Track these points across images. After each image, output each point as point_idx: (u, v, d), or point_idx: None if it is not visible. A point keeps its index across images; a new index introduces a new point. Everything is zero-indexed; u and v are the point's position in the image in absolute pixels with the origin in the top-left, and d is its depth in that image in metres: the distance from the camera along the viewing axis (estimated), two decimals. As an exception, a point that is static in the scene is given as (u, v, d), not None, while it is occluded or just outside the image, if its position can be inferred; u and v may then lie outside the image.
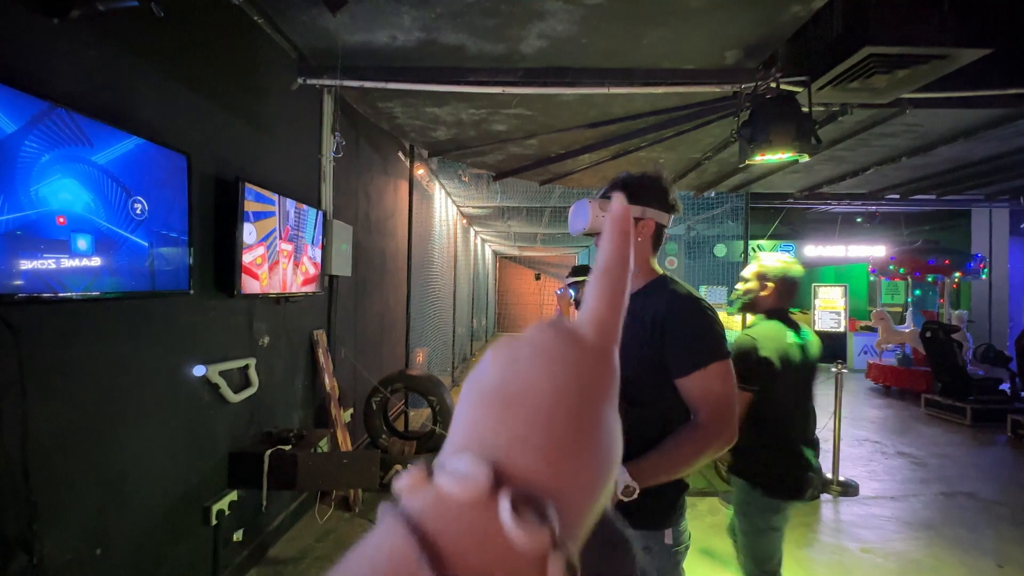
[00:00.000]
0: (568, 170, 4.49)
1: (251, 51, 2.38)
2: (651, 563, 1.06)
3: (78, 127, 1.39)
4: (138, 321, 1.74)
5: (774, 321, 1.81)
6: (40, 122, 1.29)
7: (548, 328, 0.23)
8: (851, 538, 3.01)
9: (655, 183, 1.17)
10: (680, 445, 1.01)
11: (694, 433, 1.02)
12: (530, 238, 10.61)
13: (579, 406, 0.21)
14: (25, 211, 1.26)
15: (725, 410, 1.03)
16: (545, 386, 0.21)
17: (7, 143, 1.21)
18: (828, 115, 2.99)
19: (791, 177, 4.93)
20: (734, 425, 1.03)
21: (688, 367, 1.04)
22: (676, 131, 3.37)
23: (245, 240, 2.20)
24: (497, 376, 0.22)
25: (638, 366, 1.08)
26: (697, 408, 1.04)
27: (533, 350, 0.22)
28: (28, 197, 1.27)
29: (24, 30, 1.32)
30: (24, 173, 1.25)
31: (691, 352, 1.04)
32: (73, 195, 1.39)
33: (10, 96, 1.21)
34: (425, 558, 0.17)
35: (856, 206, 6.72)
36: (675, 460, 1.00)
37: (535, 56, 2.53)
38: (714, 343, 1.05)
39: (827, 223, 9.81)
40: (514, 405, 0.20)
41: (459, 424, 0.21)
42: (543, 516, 0.18)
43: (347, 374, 3.67)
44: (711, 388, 1.03)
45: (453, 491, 0.18)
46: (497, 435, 0.20)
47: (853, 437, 5.02)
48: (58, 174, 1.34)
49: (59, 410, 1.45)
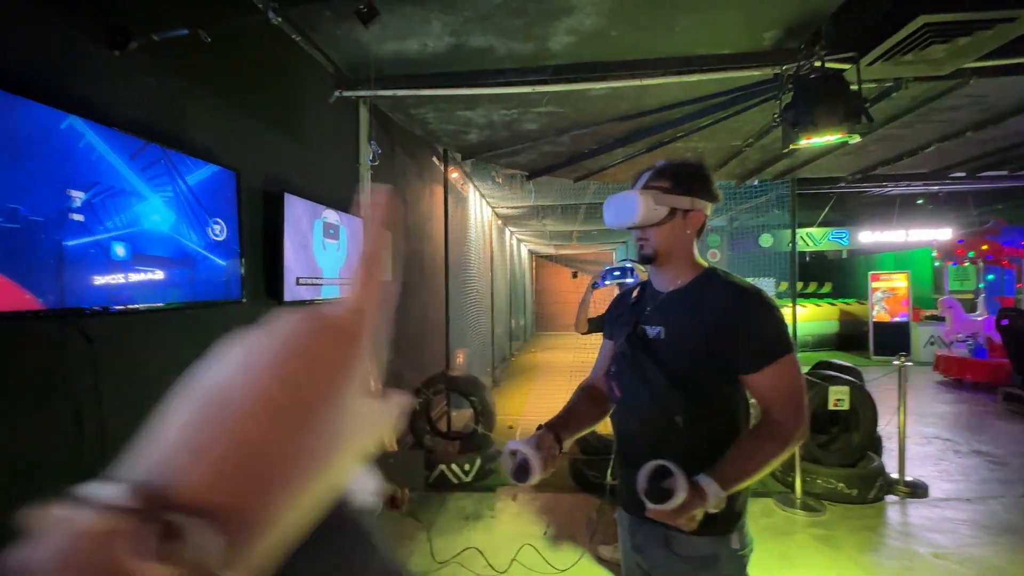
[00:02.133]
0: (602, 165, 4.43)
1: (290, 68, 2.48)
2: (716, 573, 1.02)
3: (166, 156, 1.50)
4: (196, 329, 1.85)
5: None
6: (134, 156, 1.39)
7: (282, 314, 0.21)
8: (921, 542, 2.81)
9: (700, 171, 1.11)
10: (761, 445, 0.97)
11: (773, 430, 0.98)
12: (566, 236, 10.53)
13: (289, 396, 0.18)
14: (96, 235, 1.37)
15: (799, 403, 0.99)
16: (239, 379, 0.18)
17: (110, 176, 1.32)
18: (880, 92, 2.80)
19: (842, 160, 4.65)
20: (807, 418, 1.00)
21: (760, 363, 1.00)
22: (714, 119, 3.26)
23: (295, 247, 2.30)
24: (201, 373, 0.19)
25: (697, 363, 1.04)
26: (771, 404, 1.00)
27: (245, 340, 0.20)
28: (112, 221, 1.38)
29: (93, 63, 1.44)
30: (111, 201, 1.36)
31: (762, 348, 1.00)
32: (144, 215, 1.50)
33: (110, 135, 1.32)
34: None
35: (917, 187, 6.27)
36: (759, 460, 0.96)
37: (564, 53, 2.51)
38: (782, 336, 1.02)
39: (884, 206, 9.20)
40: (200, 407, 0.18)
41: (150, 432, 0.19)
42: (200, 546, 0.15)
43: (390, 376, 3.75)
44: (783, 383, 1.00)
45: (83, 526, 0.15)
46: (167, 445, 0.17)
47: (920, 434, 4.68)
48: (134, 200, 1.45)
49: (131, 413, 1.56)
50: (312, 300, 2.51)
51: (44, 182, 1.22)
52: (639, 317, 1.15)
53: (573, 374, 5.39)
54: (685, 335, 1.06)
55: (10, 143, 1.15)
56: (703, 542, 1.01)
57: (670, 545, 1.04)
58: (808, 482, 3.32)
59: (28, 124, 1.19)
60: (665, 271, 1.14)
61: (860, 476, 3.30)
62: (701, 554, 1.02)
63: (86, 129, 1.32)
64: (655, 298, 1.15)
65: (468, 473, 3.59)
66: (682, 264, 1.12)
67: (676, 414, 1.03)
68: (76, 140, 1.30)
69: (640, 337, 1.12)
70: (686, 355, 1.05)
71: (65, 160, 1.27)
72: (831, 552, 2.70)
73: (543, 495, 3.45)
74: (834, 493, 3.29)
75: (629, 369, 1.11)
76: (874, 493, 3.29)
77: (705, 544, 1.02)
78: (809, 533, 2.91)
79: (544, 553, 2.69)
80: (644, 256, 1.13)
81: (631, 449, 1.14)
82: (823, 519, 3.08)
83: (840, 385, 3.41)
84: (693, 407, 1.02)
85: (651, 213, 1.08)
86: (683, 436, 1.03)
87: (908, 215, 9.35)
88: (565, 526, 3.01)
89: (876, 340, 9.09)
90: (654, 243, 1.10)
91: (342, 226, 2.84)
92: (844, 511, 3.17)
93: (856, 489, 3.27)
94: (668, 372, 1.04)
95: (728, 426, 1.04)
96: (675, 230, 1.09)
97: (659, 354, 1.07)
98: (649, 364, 1.06)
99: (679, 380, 1.03)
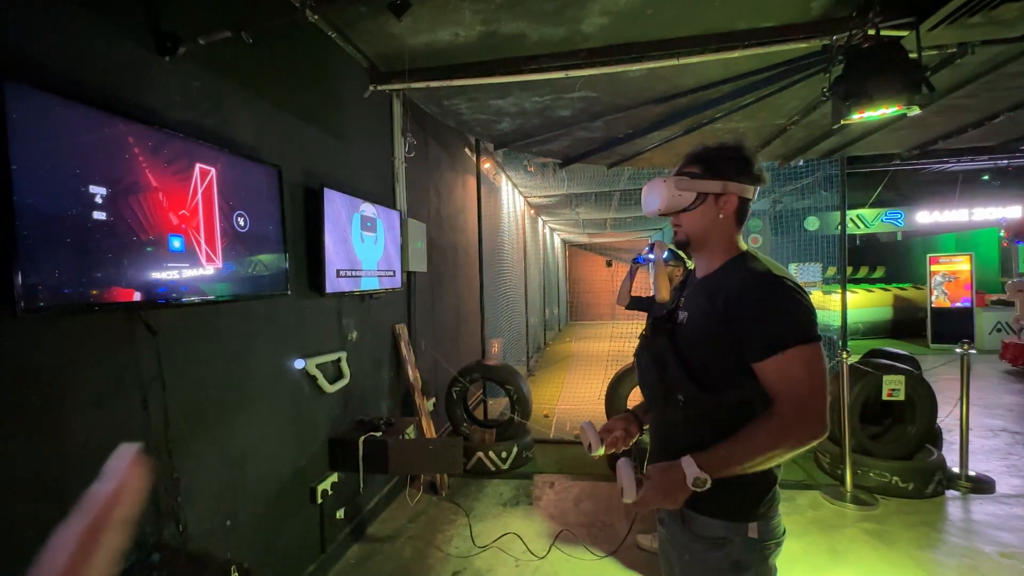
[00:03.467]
0: (636, 150, 4.32)
1: (327, 65, 2.54)
2: (726, 555, 1.02)
3: (212, 154, 1.57)
4: (247, 321, 1.94)
5: None
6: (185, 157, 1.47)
7: None
8: (986, 540, 2.64)
9: (736, 152, 1.08)
10: (753, 435, 0.94)
11: (769, 423, 0.94)
12: (599, 224, 10.38)
13: None
14: (160, 228, 1.45)
15: (807, 399, 0.92)
16: None
17: (168, 174, 1.40)
18: (942, 59, 2.59)
19: (897, 135, 4.35)
20: (819, 417, 0.92)
21: (764, 351, 0.95)
22: (756, 97, 3.11)
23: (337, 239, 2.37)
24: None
25: (711, 350, 1.02)
26: (775, 396, 0.95)
27: None
28: (168, 216, 1.46)
29: (146, 70, 1.51)
30: (168, 197, 1.45)
31: (767, 334, 0.95)
32: (197, 212, 1.58)
33: (163, 137, 1.39)
34: None
35: (983, 162, 5.81)
36: (747, 450, 0.94)
37: (598, 35, 2.45)
38: (795, 324, 0.95)
39: (944, 184, 8.58)
40: None
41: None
42: None
43: (428, 365, 3.84)
44: (790, 374, 0.93)
45: None
46: None
47: (986, 427, 4.39)
48: (190, 195, 1.53)
49: (191, 399, 1.67)
50: (351, 292, 2.59)
51: (110, 183, 1.30)
52: (677, 302, 1.18)
53: (609, 364, 5.34)
54: (700, 320, 1.06)
55: (83, 149, 1.23)
56: (716, 524, 1.03)
57: (686, 523, 1.07)
58: (859, 475, 3.18)
59: (98, 131, 1.26)
60: (701, 257, 1.15)
61: (916, 469, 3.13)
62: (713, 535, 1.03)
63: (143, 132, 1.40)
64: (692, 284, 1.17)
65: (505, 460, 3.64)
66: (716, 250, 1.11)
67: (679, 393, 1.05)
68: (136, 143, 1.37)
69: (665, 320, 1.15)
70: (697, 339, 1.05)
71: (121, 163, 1.35)
72: (884, 548, 2.59)
73: (580, 483, 3.46)
74: (888, 487, 3.14)
75: (647, 349, 1.16)
76: (932, 488, 3.12)
77: (718, 527, 1.03)
78: (860, 527, 2.80)
79: (583, 540, 2.70)
80: (678, 242, 1.15)
81: (653, 424, 1.20)
82: (875, 513, 2.94)
83: (895, 374, 3.24)
84: (694, 390, 1.02)
85: (676, 199, 1.09)
86: (683, 416, 1.05)
87: (971, 192, 8.68)
88: (603, 514, 3.01)
89: (934, 327, 8.55)
90: (685, 229, 1.12)
91: (379, 219, 2.90)
92: (898, 506, 3.02)
93: (912, 483, 3.11)
94: (678, 353, 1.06)
95: (738, 415, 0.99)
96: (706, 215, 1.08)
97: (677, 338, 1.09)
98: (664, 346, 1.09)
99: (685, 363, 1.05)
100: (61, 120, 1.19)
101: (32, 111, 1.13)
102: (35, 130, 1.14)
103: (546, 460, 3.88)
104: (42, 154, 1.15)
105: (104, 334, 1.37)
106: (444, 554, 2.62)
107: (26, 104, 1.12)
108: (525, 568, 2.48)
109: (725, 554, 1.02)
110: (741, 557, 1.01)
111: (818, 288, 7.77)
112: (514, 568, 2.48)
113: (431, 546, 2.70)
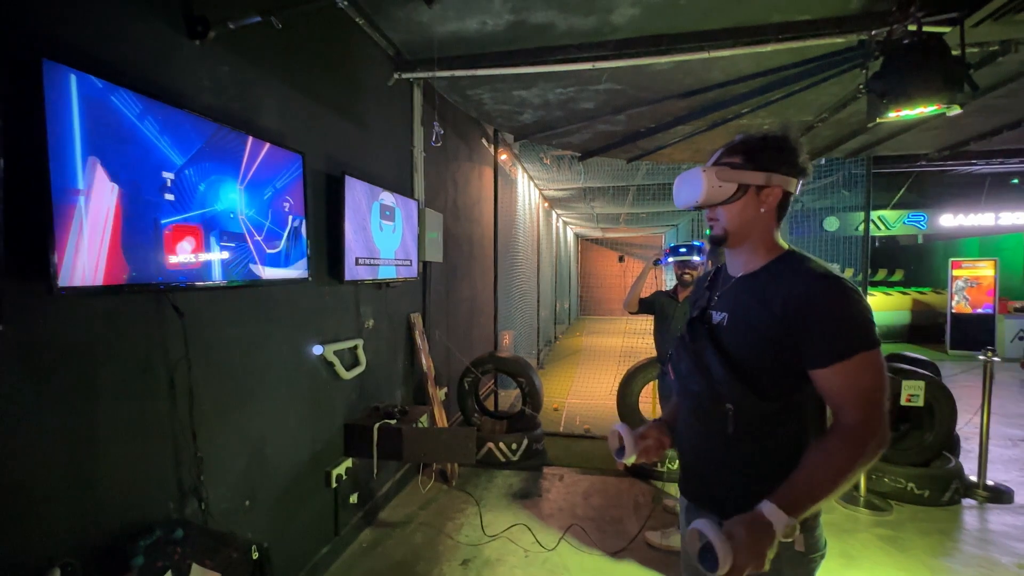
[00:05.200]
0: (657, 145, 4.26)
1: (352, 51, 2.52)
2: (774, 570, 0.94)
3: (239, 139, 1.58)
4: (268, 306, 1.96)
5: None
6: (211, 140, 1.48)
7: None
8: (1004, 551, 2.60)
9: (782, 143, 1.02)
10: (831, 457, 0.86)
11: (844, 438, 0.87)
12: (613, 219, 10.29)
13: None
14: (188, 212, 1.46)
15: (876, 407, 0.88)
16: None
17: (193, 159, 1.41)
18: (984, 56, 2.51)
19: (929, 135, 4.24)
20: (887, 425, 0.88)
21: (830, 357, 0.90)
22: (785, 92, 3.04)
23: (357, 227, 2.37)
24: None
25: (764, 354, 0.97)
26: (841, 405, 0.90)
27: None
28: (196, 200, 1.47)
29: (176, 53, 1.52)
30: (194, 182, 1.45)
31: (834, 340, 0.90)
32: (224, 196, 1.58)
33: (191, 120, 1.40)
34: None
35: (1013, 164, 5.63)
36: (832, 477, 0.85)
37: (627, 26, 2.40)
38: (861, 330, 0.90)
39: (970, 187, 8.33)
40: None
41: None
42: None
43: (441, 355, 3.85)
44: (858, 382, 0.88)
45: None
46: None
47: (1005, 436, 4.31)
48: (214, 182, 1.54)
49: (214, 381, 1.69)
50: (369, 280, 2.60)
51: (141, 163, 1.31)
52: (708, 302, 1.13)
53: (621, 359, 5.32)
54: (749, 322, 0.99)
55: (115, 128, 1.23)
56: None
57: None
58: (874, 480, 3.14)
59: (125, 111, 1.27)
60: (738, 254, 1.08)
61: (933, 477, 3.08)
62: None
63: (172, 114, 1.40)
64: (727, 282, 1.10)
65: (515, 452, 3.66)
66: (757, 246, 1.04)
67: (727, 401, 0.98)
68: (165, 124, 1.38)
69: (703, 322, 1.09)
70: (746, 343, 0.99)
71: (155, 144, 1.36)
72: (898, 554, 2.56)
73: (590, 477, 3.47)
74: (902, 493, 3.10)
75: (686, 354, 1.08)
76: (948, 496, 3.08)
77: None
78: (873, 533, 2.77)
79: (592, 534, 2.71)
80: (715, 237, 1.08)
81: (687, 436, 1.12)
82: (889, 519, 2.91)
83: (915, 380, 3.18)
84: (746, 398, 0.96)
85: (716, 191, 1.01)
86: (733, 427, 0.98)
87: (998, 196, 8.44)
88: (613, 509, 3.02)
89: (954, 333, 8.39)
90: (724, 223, 1.05)
91: (397, 208, 2.90)
92: (913, 512, 2.98)
93: (928, 490, 3.07)
94: (725, 359, 0.99)
95: (791, 425, 0.96)
96: (747, 209, 1.02)
97: (720, 341, 1.02)
98: (707, 350, 1.02)
99: (735, 368, 0.98)
100: (96, 101, 1.20)
101: (64, 91, 1.13)
102: (68, 110, 1.14)
103: (556, 453, 3.89)
104: (79, 135, 1.16)
105: (133, 316, 1.39)
106: (454, 541, 2.64)
107: (59, 84, 1.12)
108: (534, 559, 2.50)
109: (773, 569, 0.95)
110: (788, 570, 0.97)
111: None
112: (523, 558, 2.50)
113: (441, 533, 2.73)
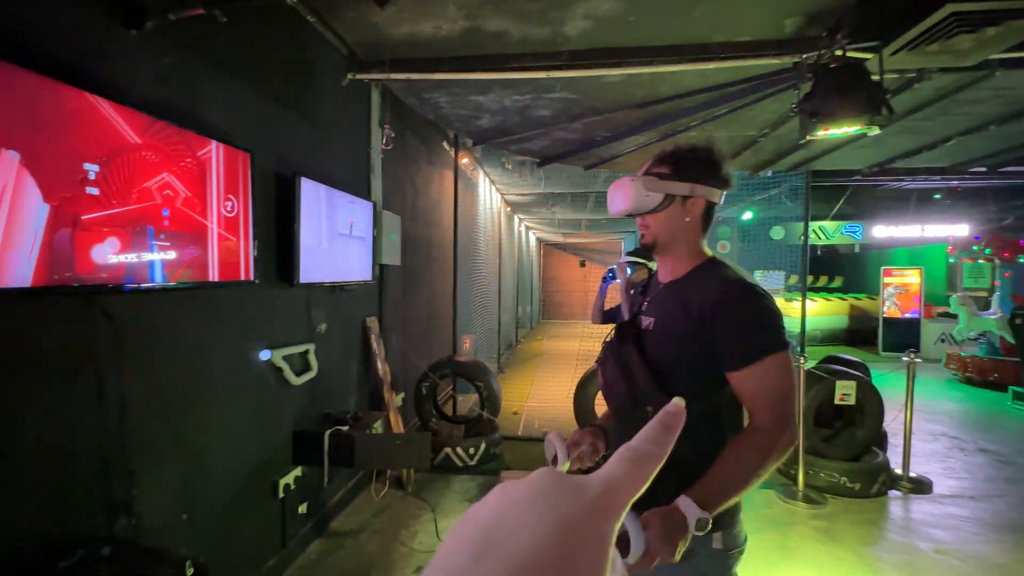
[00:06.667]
0: (613, 153, 4.39)
1: (304, 49, 2.47)
2: (692, 567, 1.00)
3: (179, 135, 1.51)
4: (211, 309, 1.88)
5: None
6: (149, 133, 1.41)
7: (549, 475, 0.23)
8: (923, 538, 2.82)
9: (706, 155, 1.07)
10: (743, 456, 0.91)
11: (755, 439, 0.92)
12: (575, 224, 10.48)
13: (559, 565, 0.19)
14: (126, 206, 1.38)
15: (785, 407, 0.93)
16: (526, 536, 0.20)
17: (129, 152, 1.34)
18: (902, 83, 2.74)
19: (859, 152, 4.57)
20: (794, 421, 0.94)
21: (741, 361, 0.95)
22: (729, 108, 3.21)
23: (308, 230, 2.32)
24: (487, 516, 0.22)
25: (684, 359, 1.01)
26: (753, 407, 0.95)
27: (530, 494, 0.22)
28: (133, 195, 1.39)
29: (111, 43, 1.44)
30: (133, 176, 1.38)
31: (744, 344, 0.95)
32: (156, 191, 1.52)
33: (132, 116, 1.33)
34: None
35: (935, 181, 6.15)
36: (743, 474, 0.90)
37: (580, 38, 2.47)
38: (770, 333, 0.95)
39: (900, 200, 9.03)
40: (492, 552, 0.19)
41: (439, 558, 0.21)
42: None
43: (398, 360, 3.80)
44: (768, 384, 0.93)
45: None
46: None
47: (927, 431, 4.67)
48: (156, 175, 1.47)
49: (151, 389, 1.60)
50: (321, 283, 2.54)
51: (61, 155, 1.24)
52: (640, 307, 1.16)
53: (579, 363, 5.41)
54: (670, 327, 1.04)
55: (34, 120, 1.16)
56: None
57: None
58: (811, 475, 3.33)
59: (48, 101, 1.20)
60: (665, 261, 1.12)
61: (863, 470, 3.30)
62: None
63: (102, 106, 1.33)
64: (655, 289, 1.15)
65: (473, 457, 3.65)
66: (683, 254, 1.09)
67: (648, 404, 1.00)
68: (92, 117, 1.31)
69: (630, 327, 1.12)
70: (667, 347, 1.03)
71: (81, 135, 1.29)
72: (832, 544, 2.72)
73: (547, 480, 3.50)
74: (837, 487, 3.30)
75: (612, 358, 1.11)
76: (877, 488, 3.30)
77: None
78: (810, 525, 2.93)
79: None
80: (644, 245, 1.12)
81: (615, 439, 1.14)
82: (824, 511, 3.10)
83: (847, 380, 3.40)
84: (667, 399, 0.99)
85: (643, 200, 1.05)
86: None
87: (924, 210, 9.18)
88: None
89: (885, 336, 9.02)
90: (653, 231, 1.09)
91: (353, 210, 2.85)
92: (846, 505, 3.18)
93: (859, 483, 3.28)
94: (647, 363, 1.03)
95: (711, 425, 1.00)
96: (673, 218, 1.06)
97: (644, 345, 1.06)
98: (631, 354, 1.06)
99: (656, 372, 1.01)
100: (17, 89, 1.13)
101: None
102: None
103: (514, 457, 3.90)
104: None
105: (60, 319, 1.31)
106: (408, 549, 2.61)
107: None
108: (489, 563, 2.50)
109: (691, 566, 0.99)
110: (707, 568, 1.01)
111: (781, 295, 8.09)
112: (478, 563, 2.49)
113: (395, 541, 2.68)
